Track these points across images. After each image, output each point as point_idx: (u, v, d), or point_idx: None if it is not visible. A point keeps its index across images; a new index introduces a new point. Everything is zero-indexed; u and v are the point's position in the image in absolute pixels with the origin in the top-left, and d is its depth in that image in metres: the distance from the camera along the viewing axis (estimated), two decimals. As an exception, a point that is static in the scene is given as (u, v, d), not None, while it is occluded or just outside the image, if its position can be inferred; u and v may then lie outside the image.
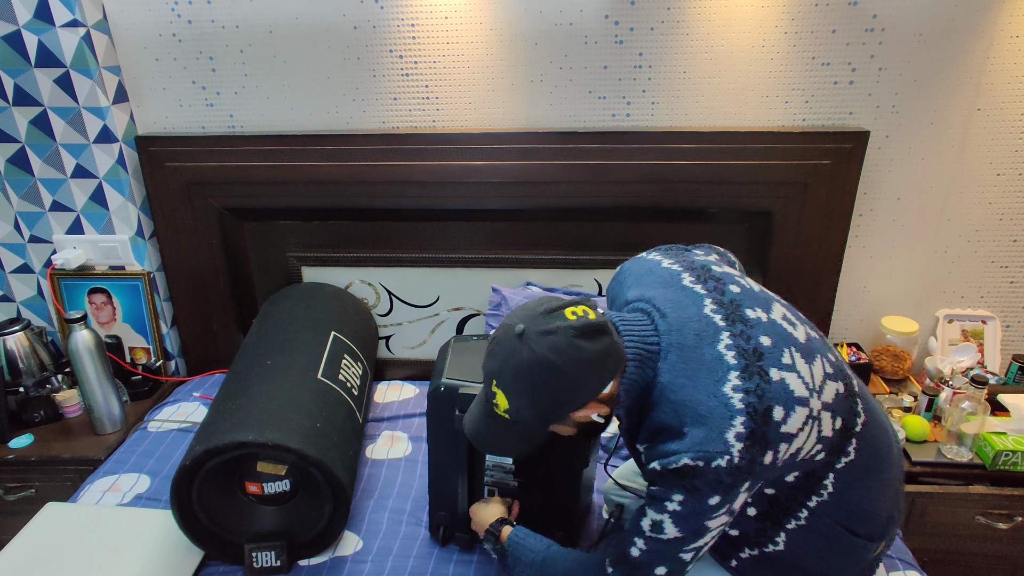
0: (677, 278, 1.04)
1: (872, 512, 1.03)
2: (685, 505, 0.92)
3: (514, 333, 0.94)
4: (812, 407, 0.93)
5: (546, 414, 0.96)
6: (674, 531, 0.94)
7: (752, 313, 0.98)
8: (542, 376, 0.92)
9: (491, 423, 1.03)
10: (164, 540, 1.40)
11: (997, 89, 1.71)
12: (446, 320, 2.04)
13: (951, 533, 1.64)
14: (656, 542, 0.95)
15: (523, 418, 0.97)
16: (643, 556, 0.97)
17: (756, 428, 0.89)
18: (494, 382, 0.97)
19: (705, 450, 0.89)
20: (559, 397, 0.94)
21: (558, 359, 0.91)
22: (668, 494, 0.92)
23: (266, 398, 1.40)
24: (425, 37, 1.75)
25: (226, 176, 1.85)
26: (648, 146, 1.75)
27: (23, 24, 1.68)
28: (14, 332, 1.84)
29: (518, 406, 0.96)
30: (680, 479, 0.91)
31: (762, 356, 0.93)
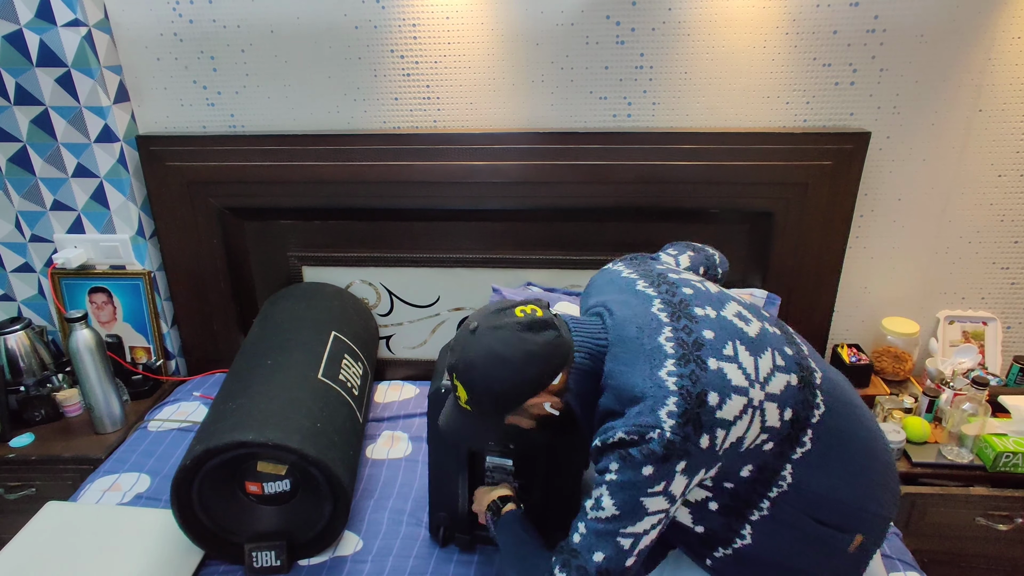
0: (632, 284, 1.12)
1: (839, 500, 1.03)
2: (620, 473, 0.95)
3: (468, 330, 1.04)
4: (752, 397, 0.96)
5: (499, 403, 1.02)
6: (611, 505, 0.97)
7: (700, 311, 1.04)
8: (492, 367, 1.00)
9: (457, 415, 1.09)
10: (164, 539, 1.40)
11: (998, 90, 1.71)
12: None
13: (951, 534, 1.64)
14: (595, 522, 0.98)
15: (482, 409, 1.03)
16: (583, 541, 1.00)
17: (689, 408, 0.93)
18: (454, 375, 1.04)
19: (638, 424, 0.94)
20: (509, 386, 1.00)
21: (504, 350, 0.99)
22: (605, 464, 0.98)
23: (266, 398, 1.40)
24: (426, 37, 1.75)
25: (227, 176, 1.85)
26: (649, 146, 1.75)
27: (24, 23, 1.68)
28: (15, 331, 1.84)
29: (475, 397, 1.02)
30: (613, 448, 0.96)
31: (701, 347, 0.98)
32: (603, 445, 0.98)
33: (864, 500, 1.05)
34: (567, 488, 1.31)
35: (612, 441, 0.96)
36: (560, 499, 1.32)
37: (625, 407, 0.98)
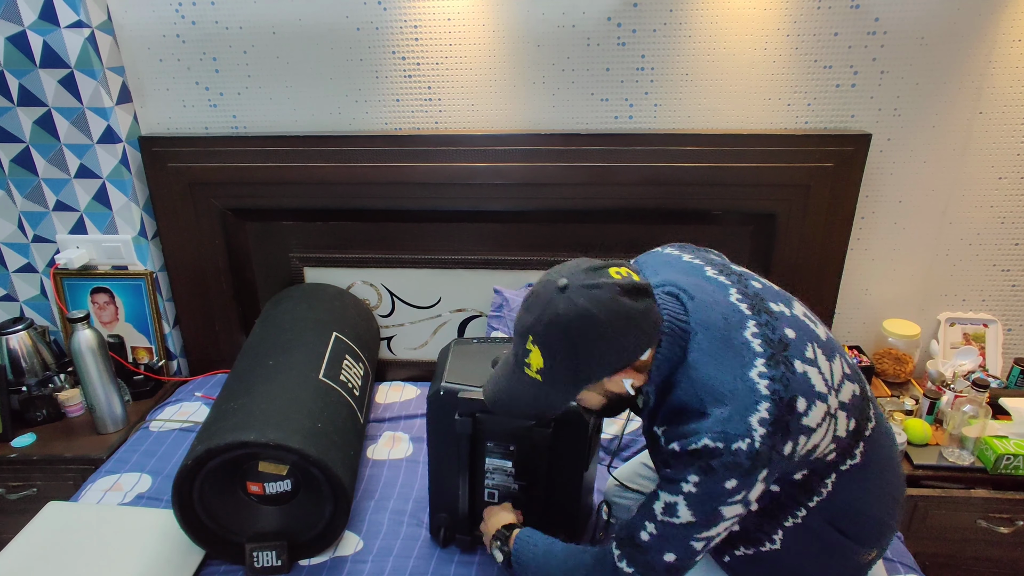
0: (700, 269, 1.03)
1: (863, 513, 1.02)
2: (701, 487, 0.89)
3: (556, 286, 0.91)
4: (830, 404, 0.92)
5: (582, 374, 0.92)
6: (688, 514, 0.92)
7: (775, 307, 0.98)
8: (583, 330, 0.88)
9: (518, 385, 0.98)
10: (165, 539, 1.40)
11: (999, 93, 1.71)
12: (448, 321, 2.04)
13: (952, 537, 1.64)
14: (668, 526, 0.93)
15: (557, 378, 0.93)
16: (652, 540, 0.95)
17: (780, 416, 0.88)
18: (530, 338, 0.92)
19: (726, 431, 0.87)
20: (597, 355, 0.90)
21: (600, 313, 0.88)
22: (684, 475, 0.90)
23: (268, 398, 1.40)
24: (428, 39, 1.75)
25: (229, 177, 1.86)
26: (650, 148, 1.75)
27: (28, 25, 1.69)
28: (17, 331, 1.84)
29: (553, 364, 0.91)
30: (697, 459, 0.89)
31: (787, 347, 0.92)
32: (682, 451, 0.90)
33: (886, 515, 1.05)
34: (568, 488, 1.31)
35: (694, 448, 0.89)
36: (561, 500, 1.32)
37: (709, 407, 0.90)
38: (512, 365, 0.99)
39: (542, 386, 0.95)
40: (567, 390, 0.96)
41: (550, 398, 0.97)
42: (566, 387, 0.95)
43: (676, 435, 0.92)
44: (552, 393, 0.96)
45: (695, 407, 0.91)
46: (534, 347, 0.92)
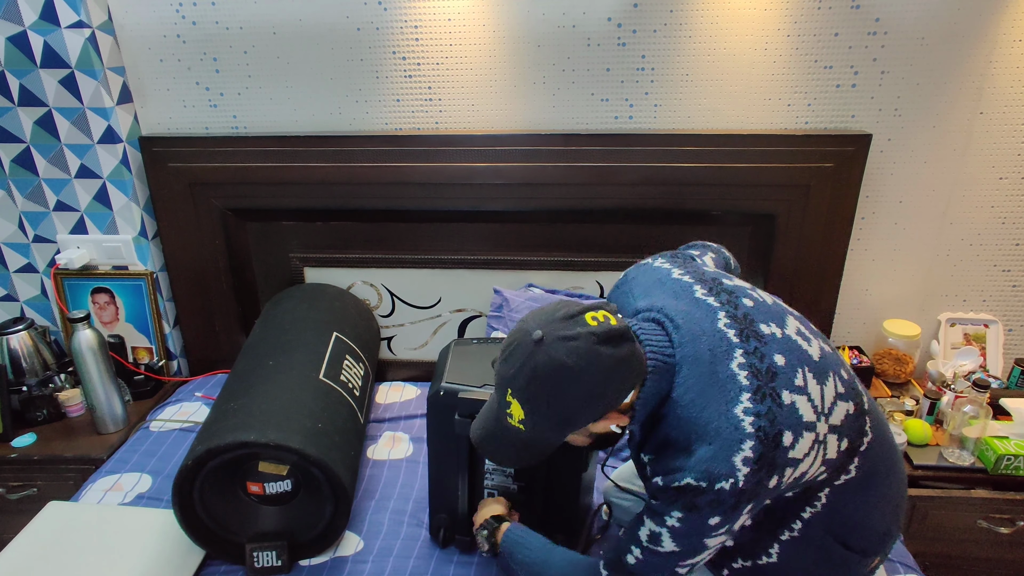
0: (689, 290, 1.00)
1: (867, 526, 1.02)
2: (684, 523, 0.90)
3: (531, 339, 0.89)
4: (819, 431, 0.91)
5: (563, 424, 0.92)
6: (671, 545, 0.93)
7: (766, 329, 0.95)
8: (561, 384, 0.88)
9: (503, 433, 0.99)
10: (166, 539, 1.40)
11: (1000, 93, 1.71)
12: (448, 321, 2.04)
13: (953, 537, 1.64)
14: (653, 554, 0.95)
15: (539, 428, 0.93)
16: (638, 566, 0.97)
17: (765, 453, 0.87)
18: (509, 391, 0.92)
19: (710, 471, 0.86)
20: (578, 407, 0.90)
21: (578, 365, 0.87)
22: (668, 509, 0.91)
23: (268, 398, 1.40)
24: (428, 39, 1.75)
25: (229, 177, 1.86)
26: (651, 148, 1.75)
27: (29, 25, 1.69)
28: (18, 331, 1.84)
29: (534, 416, 0.91)
30: (681, 497, 0.89)
31: (775, 376, 0.90)
32: (666, 487, 0.90)
33: (889, 524, 1.04)
34: (567, 491, 1.31)
35: (678, 486, 0.88)
36: (560, 500, 1.32)
37: (694, 444, 0.89)
38: (495, 412, 0.99)
39: (524, 434, 0.96)
40: (551, 438, 0.96)
41: (536, 445, 0.98)
42: (550, 435, 0.95)
43: (661, 469, 0.92)
44: (536, 441, 0.97)
45: (681, 443, 0.90)
46: (513, 400, 0.92)
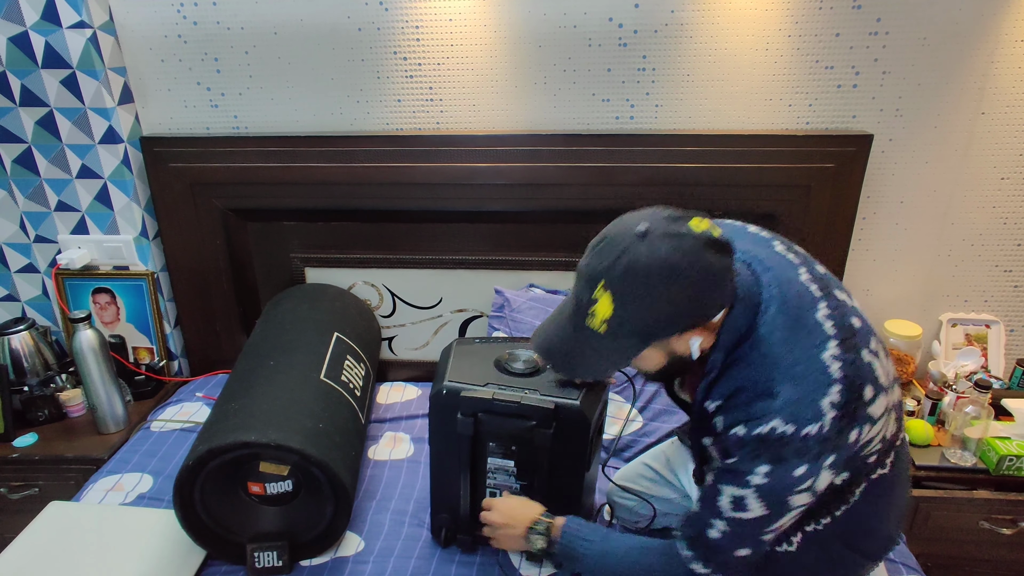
0: (769, 243, 0.99)
1: (876, 530, 1.01)
2: (771, 477, 0.85)
3: (634, 232, 0.85)
4: (889, 400, 0.90)
5: (654, 327, 0.85)
6: (759, 508, 0.88)
7: (840, 294, 0.94)
8: (662, 281, 0.82)
9: (574, 338, 0.91)
10: (166, 540, 1.40)
11: (1001, 93, 1.71)
12: (449, 322, 2.04)
13: (954, 538, 1.64)
14: (738, 523, 0.90)
15: (624, 331, 0.85)
16: (724, 538, 0.91)
17: (849, 401, 0.84)
18: (601, 283, 0.85)
19: (797, 414, 0.83)
20: (672, 310, 0.84)
21: (683, 263, 0.82)
22: (751, 466, 0.86)
23: (269, 398, 1.40)
24: (429, 39, 1.75)
25: (230, 177, 1.86)
26: (652, 149, 1.75)
27: (30, 25, 1.69)
28: (19, 331, 1.84)
29: (624, 314, 0.84)
30: (765, 447, 0.84)
31: (855, 333, 0.89)
32: (748, 437, 0.85)
33: (894, 531, 1.04)
34: (570, 489, 1.31)
35: (761, 433, 0.84)
36: (562, 500, 1.32)
37: (779, 386, 0.85)
38: (569, 315, 0.91)
39: (603, 340, 0.87)
40: (631, 346, 0.88)
41: (610, 355, 0.90)
42: (631, 342, 0.88)
43: (740, 417, 0.87)
44: (614, 349, 0.89)
45: (763, 386, 0.86)
46: (604, 293, 0.84)
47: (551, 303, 1.82)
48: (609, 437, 1.67)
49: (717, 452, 0.94)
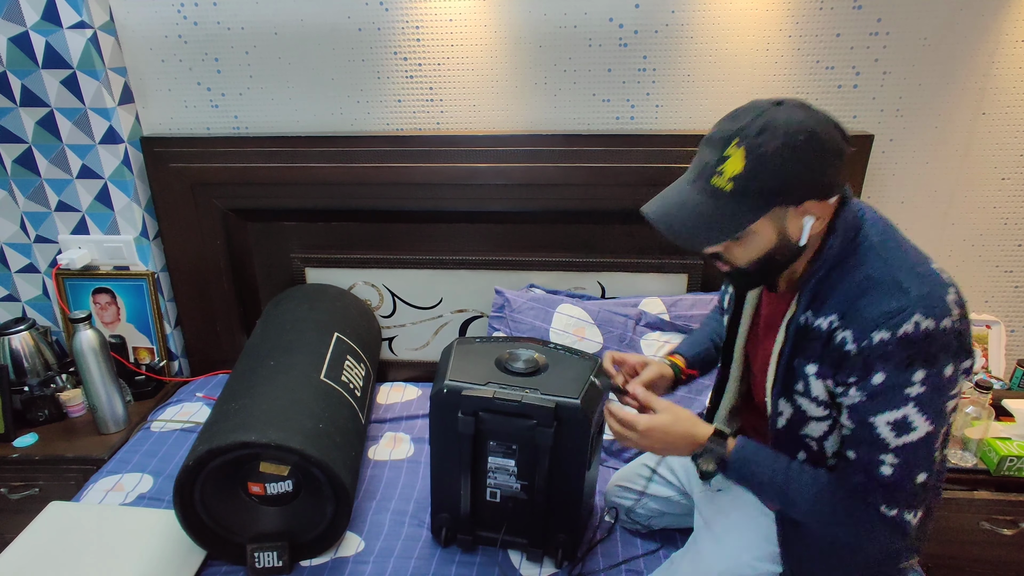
0: None
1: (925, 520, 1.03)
2: (927, 383, 0.83)
3: (770, 102, 0.88)
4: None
5: (782, 186, 0.86)
6: (924, 424, 0.86)
7: None
8: (799, 139, 0.84)
9: (695, 195, 0.90)
10: (166, 540, 1.40)
11: (1002, 93, 1.71)
12: (449, 322, 2.04)
13: (955, 539, 1.63)
14: (907, 449, 0.87)
15: (751, 187, 0.86)
16: (897, 472, 0.88)
17: (964, 306, 0.86)
18: (735, 141, 0.86)
19: (932, 307, 0.83)
20: (805, 169, 0.85)
21: (816, 131, 0.85)
22: (907, 375, 0.84)
23: (269, 399, 1.40)
24: (429, 39, 1.75)
25: (231, 177, 1.86)
26: (652, 149, 1.75)
27: (31, 25, 1.69)
28: (19, 331, 1.84)
29: (755, 168, 0.85)
30: (916, 349, 0.83)
31: None
32: (894, 339, 0.83)
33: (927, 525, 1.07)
34: (570, 488, 1.31)
35: (907, 333, 0.82)
36: (563, 500, 1.32)
37: (907, 283, 0.85)
38: (691, 179, 0.92)
39: (727, 197, 0.88)
40: (753, 208, 0.88)
41: (729, 218, 0.89)
42: (754, 203, 0.87)
43: (876, 320, 0.85)
44: (735, 207, 0.88)
45: (891, 283, 0.86)
46: (737, 150, 0.86)
47: (551, 303, 1.82)
48: (609, 439, 1.67)
49: (846, 378, 0.90)
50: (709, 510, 1.25)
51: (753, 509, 1.20)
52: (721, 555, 1.17)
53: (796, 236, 0.92)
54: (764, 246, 0.93)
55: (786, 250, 0.94)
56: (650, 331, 1.76)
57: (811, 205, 0.89)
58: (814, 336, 0.94)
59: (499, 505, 1.36)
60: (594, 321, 1.76)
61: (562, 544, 1.34)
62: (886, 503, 0.91)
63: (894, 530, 0.92)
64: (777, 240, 0.92)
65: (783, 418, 1.04)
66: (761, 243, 0.93)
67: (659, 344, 1.73)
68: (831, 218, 0.93)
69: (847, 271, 0.91)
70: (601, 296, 1.95)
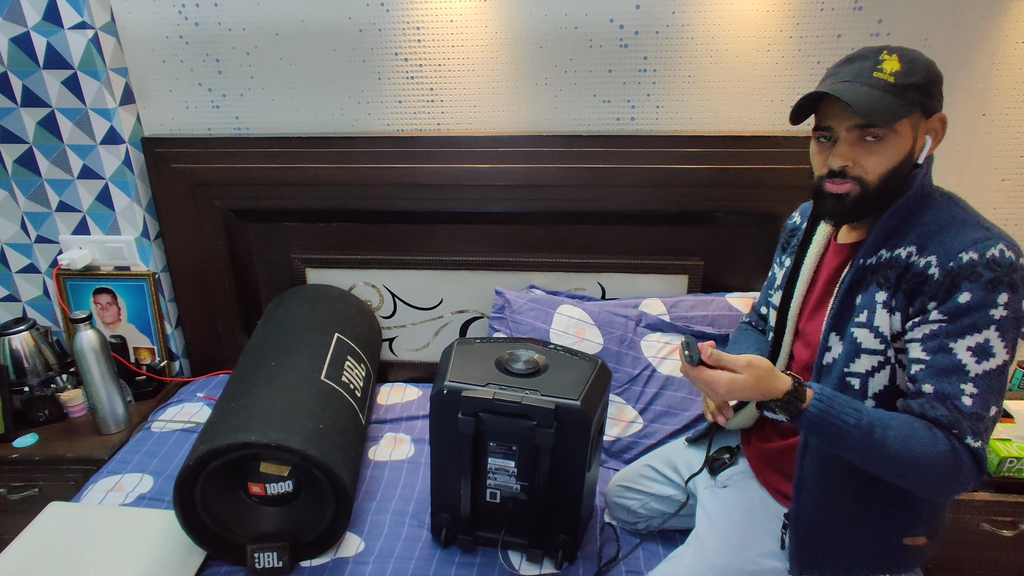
0: None
1: None
2: (1010, 307, 0.86)
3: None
4: None
5: (929, 88, 0.96)
6: (1002, 349, 0.87)
7: None
8: (926, 57, 0.97)
9: (860, 88, 0.96)
10: (167, 540, 1.40)
11: (1003, 94, 1.71)
12: (449, 323, 2.04)
13: (955, 540, 1.63)
14: (986, 376, 0.88)
15: (908, 83, 0.94)
16: (978, 402, 0.89)
17: None
18: (884, 51, 0.96)
19: (1013, 243, 0.88)
20: (939, 80, 0.97)
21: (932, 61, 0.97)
22: (993, 296, 0.86)
23: (269, 399, 1.40)
24: (430, 40, 1.75)
25: (232, 178, 1.86)
26: (653, 150, 1.75)
27: (32, 26, 1.69)
28: (20, 332, 1.84)
29: (910, 68, 0.94)
30: (1003, 271, 0.86)
31: None
32: (982, 260, 0.87)
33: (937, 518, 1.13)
34: (570, 489, 1.31)
35: (994, 255, 0.86)
36: (563, 501, 1.32)
37: (984, 223, 0.92)
38: (850, 78, 0.98)
39: (888, 88, 0.95)
40: (910, 100, 0.95)
41: (893, 104, 0.94)
42: (908, 98, 0.95)
43: (963, 243, 0.89)
44: (896, 99, 0.94)
45: (972, 222, 0.92)
46: (890, 57, 0.95)
47: (551, 304, 1.82)
48: (611, 439, 1.67)
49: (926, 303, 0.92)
50: (713, 506, 1.25)
51: (758, 506, 1.20)
52: (724, 550, 1.17)
53: (918, 152, 0.99)
54: (899, 154, 0.98)
55: (907, 165, 0.99)
56: (650, 332, 1.76)
57: (937, 121, 0.99)
58: (889, 265, 0.99)
59: (499, 506, 1.36)
60: (594, 322, 1.76)
61: (562, 545, 1.34)
62: (972, 434, 0.90)
63: (978, 464, 0.92)
64: (909, 149, 0.98)
65: (831, 354, 1.05)
66: (898, 150, 0.97)
67: (659, 345, 1.73)
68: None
69: (927, 212, 0.97)
70: (601, 297, 1.95)
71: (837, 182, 1.01)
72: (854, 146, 0.99)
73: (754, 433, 1.28)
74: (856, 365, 1.02)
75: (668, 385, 1.68)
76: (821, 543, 1.11)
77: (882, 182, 0.99)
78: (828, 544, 1.10)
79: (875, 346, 1.00)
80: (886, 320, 0.98)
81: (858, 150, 0.98)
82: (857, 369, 1.02)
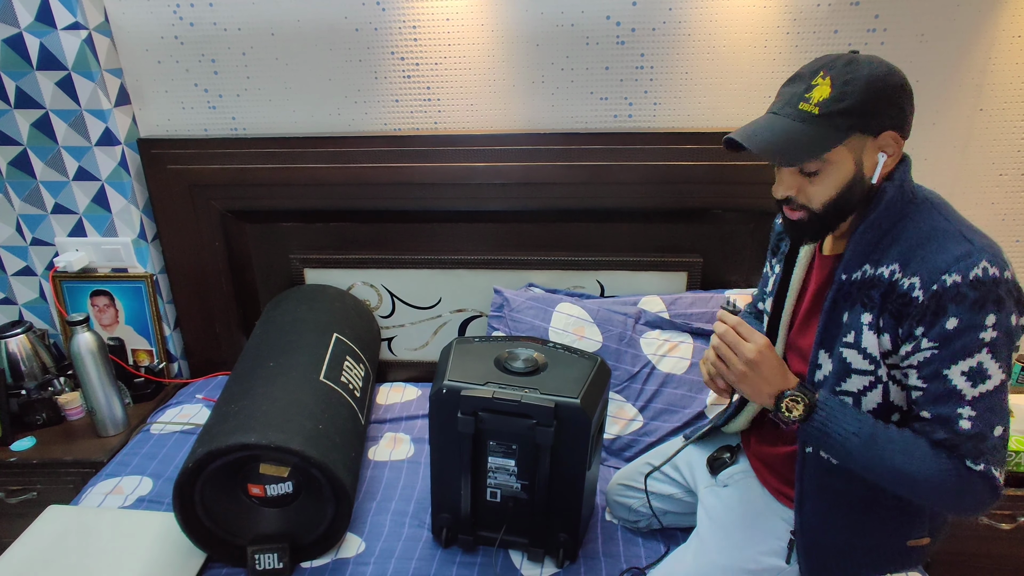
0: None
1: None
2: (999, 327, 0.84)
3: (847, 51, 0.96)
4: None
5: (865, 111, 0.90)
6: (997, 370, 0.86)
7: None
8: (880, 70, 0.92)
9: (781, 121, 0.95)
10: (166, 542, 1.40)
11: (999, 89, 1.71)
12: (448, 322, 2.04)
13: (954, 534, 1.64)
14: (984, 399, 0.87)
15: (835, 111, 0.91)
16: (979, 423, 0.87)
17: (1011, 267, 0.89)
18: (820, 73, 0.93)
19: (996, 257, 0.86)
20: (885, 100, 0.91)
21: (892, 71, 0.92)
22: (980, 318, 0.84)
23: (269, 400, 1.40)
24: (426, 39, 1.75)
25: (228, 178, 1.85)
26: (650, 147, 1.75)
27: (24, 27, 1.68)
28: (16, 335, 1.84)
29: (841, 93, 0.90)
30: (986, 290, 0.84)
31: None
32: (966, 282, 0.84)
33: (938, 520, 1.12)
34: (571, 488, 1.30)
35: (978, 275, 0.84)
36: (563, 499, 1.32)
37: (968, 234, 0.89)
38: (780, 107, 0.97)
39: (814, 120, 0.92)
40: (838, 129, 0.91)
41: (817, 136, 0.92)
42: (839, 124, 0.91)
43: (946, 263, 0.87)
44: (821, 130, 0.92)
45: (954, 234, 0.90)
46: (824, 80, 0.92)
47: (550, 303, 1.81)
48: (611, 437, 1.67)
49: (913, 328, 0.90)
50: (715, 505, 1.25)
51: (759, 504, 1.20)
52: (726, 548, 1.17)
53: (870, 172, 0.95)
54: (841, 180, 0.95)
55: (859, 187, 0.96)
56: (650, 330, 1.76)
57: (888, 138, 0.93)
58: (873, 284, 0.96)
59: (499, 505, 1.35)
60: (593, 320, 1.76)
61: (563, 544, 1.34)
62: (972, 458, 0.89)
63: (985, 485, 0.91)
64: (854, 173, 0.95)
65: (821, 371, 1.04)
66: (839, 176, 0.95)
67: (659, 343, 1.73)
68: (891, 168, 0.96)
69: (908, 222, 0.94)
70: (600, 295, 1.94)
71: (788, 209, 1.02)
72: (793, 175, 0.98)
73: (753, 435, 1.28)
74: (847, 384, 1.01)
75: (668, 383, 1.68)
76: (828, 552, 1.11)
77: (828, 209, 0.97)
78: (835, 552, 1.11)
79: (864, 367, 0.98)
80: (874, 342, 0.96)
81: (800, 179, 0.98)
82: (849, 388, 1.01)
